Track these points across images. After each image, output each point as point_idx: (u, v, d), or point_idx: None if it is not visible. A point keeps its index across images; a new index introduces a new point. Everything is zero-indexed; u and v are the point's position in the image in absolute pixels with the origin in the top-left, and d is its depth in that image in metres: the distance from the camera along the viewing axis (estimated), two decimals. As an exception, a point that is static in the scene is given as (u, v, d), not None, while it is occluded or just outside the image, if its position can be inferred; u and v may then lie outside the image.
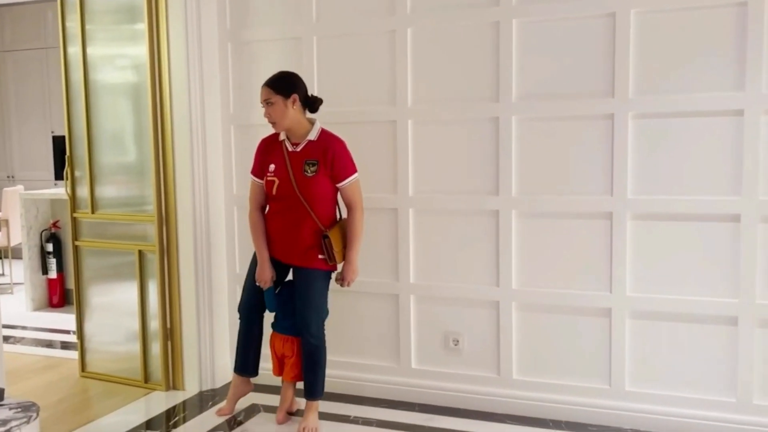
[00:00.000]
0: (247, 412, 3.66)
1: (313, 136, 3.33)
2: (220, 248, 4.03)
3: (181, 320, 3.95)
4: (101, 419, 3.61)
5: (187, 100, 3.81)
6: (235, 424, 3.53)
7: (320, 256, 3.34)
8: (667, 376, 3.35)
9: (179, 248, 3.91)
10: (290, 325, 3.44)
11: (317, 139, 3.32)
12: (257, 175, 3.45)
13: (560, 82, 3.39)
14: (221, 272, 4.04)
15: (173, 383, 3.99)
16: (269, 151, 3.41)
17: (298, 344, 3.44)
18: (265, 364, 3.62)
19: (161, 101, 3.84)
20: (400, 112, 3.66)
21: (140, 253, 3.99)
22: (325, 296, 3.42)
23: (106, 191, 4.12)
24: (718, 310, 3.24)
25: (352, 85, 3.76)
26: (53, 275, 5.95)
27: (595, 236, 3.40)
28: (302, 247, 3.33)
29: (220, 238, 4.03)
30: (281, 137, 3.39)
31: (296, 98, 3.30)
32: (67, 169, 4.17)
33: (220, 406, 3.69)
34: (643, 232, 3.32)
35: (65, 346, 4.87)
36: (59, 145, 7.73)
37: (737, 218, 3.17)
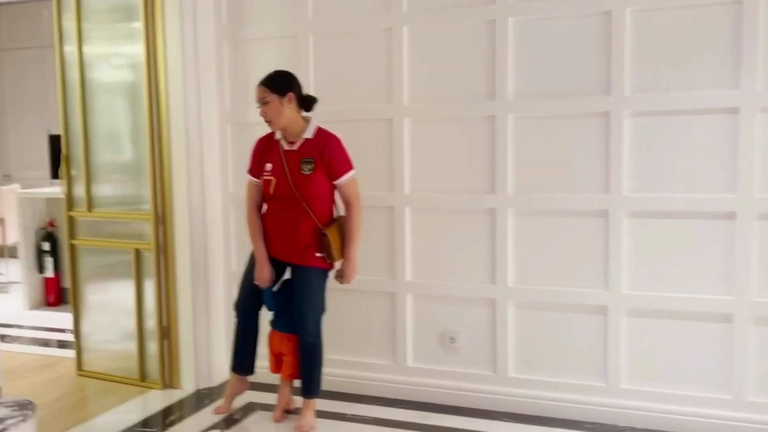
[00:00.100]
0: (243, 410, 3.66)
1: (309, 134, 3.33)
2: (216, 247, 4.03)
3: (177, 319, 3.95)
4: (98, 418, 3.61)
5: (183, 98, 3.81)
6: (231, 422, 3.53)
7: (318, 254, 3.34)
8: (662, 373, 3.35)
9: (176, 247, 3.91)
10: (289, 322, 3.44)
11: (313, 137, 3.33)
12: (254, 174, 3.45)
13: (556, 80, 3.40)
14: (218, 271, 4.04)
15: (170, 382, 3.99)
16: (266, 150, 3.41)
17: (295, 342, 3.44)
18: (261, 362, 3.62)
19: (158, 100, 3.84)
20: (396, 110, 3.67)
21: (137, 251, 3.99)
22: (322, 294, 3.42)
23: (102, 190, 4.11)
24: (713, 307, 3.25)
25: (348, 83, 3.76)
26: (50, 274, 5.94)
27: (591, 234, 3.40)
28: (300, 245, 3.33)
29: (216, 236, 4.03)
30: (277, 136, 3.39)
31: (292, 97, 3.30)
32: (63, 167, 4.17)
33: (216, 404, 3.69)
34: (638, 229, 3.33)
35: (62, 344, 4.86)
36: (55, 143, 7.65)
37: (733, 216, 3.18)
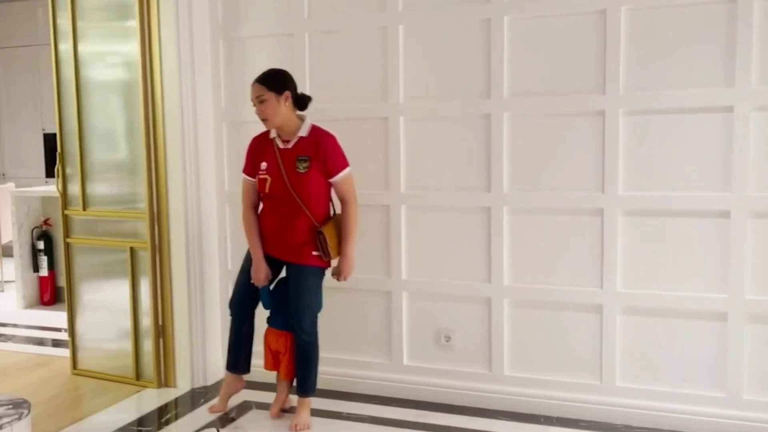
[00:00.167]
0: (239, 409, 3.65)
1: (303, 132, 3.33)
2: (211, 245, 4.02)
3: (172, 317, 3.94)
4: (93, 416, 3.60)
5: (178, 96, 3.81)
6: (227, 421, 3.53)
7: (314, 252, 3.34)
8: (657, 371, 3.36)
9: (171, 245, 3.90)
10: (285, 321, 3.44)
11: (308, 135, 3.33)
12: (249, 173, 3.44)
13: (551, 78, 3.40)
14: (213, 269, 4.04)
15: (165, 380, 3.99)
16: (260, 149, 3.41)
17: (292, 340, 3.44)
18: (257, 360, 3.61)
19: (153, 98, 3.83)
20: (392, 108, 3.67)
21: (132, 250, 3.98)
22: (318, 293, 3.42)
23: (97, 188, 4.10)
24: (708, 305, 3.25)
25: (344, 81, 3.76)
26: (44, 273, 5.92)
27: (586, 233, 3.41)
28: (296, 243, 3.33)
29: (211, 234, 4.02)
30: (272, 135, 3.39)
31: (288, 95, 3.30)
32: (58, 166, 4.16)
33: (212, 403, 3.69)
34: (633, 228, 3.34)
35: (56, 343, 4.85)
36: (50, 142, 7.70)
37: (727, 214, 3.19)
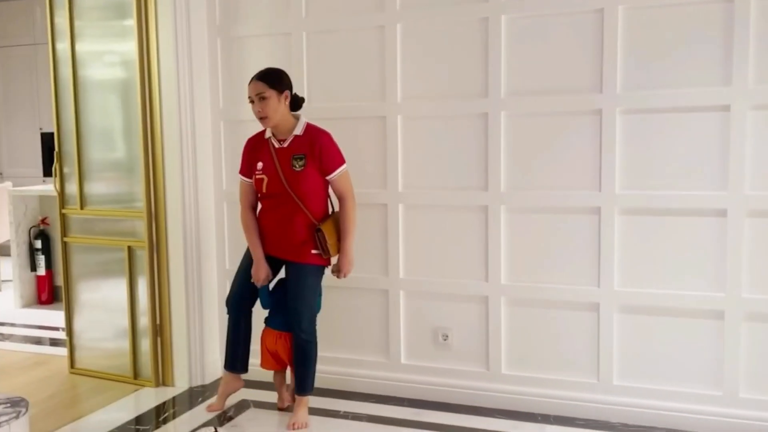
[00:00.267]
0: (237, 408, 3.66)
1: (299, 130, 3.33)
2: (209, 244, 4.02)
3: (170, 316, 3.94)
4: (90, 415, 3.60)
5: (176, 96, 3.81)
6: (225, 419, 3.53)
7: (313, 251, 3.34)
8: (654, 370, 3.37)
9: (169, 244, 3.90)
10: (284, 321, 3.44)
11: (303, 133, 3.33)
12: (246, 174, 3.44)
13: (549, 78, 3.41)
14: (211, 268, 4.04)
15: (163, 379, 3.99)
16: (256, 149, 3.41)
17: (290, 340, 3.44)
18: (255, 359, 3.62)
19: (150, 97, 3.83)
20: (389, 107, 3.67)
21: (129, 249, 3.99)
22: (317, 292, 3.42)
23: (95, 187, 4.10)
24: (704, 304, 3.26)
25: (341, 80, 3.76)
26: (42, 272, 5.92)
27: (583, 231, 3.41)
28: (295, 242, 3.33)
29: (209, 234, 4.02)
30: (267, 134, 3.39)
31: (288, 94, 3.31)
32: (55, 165, 4.16)
33: (210, 402, 3.69)
34: (630, 227, 3.34)
35: (54, 342, 4.85)
36: (48, 141, 7.70)
37: (724, 213, 3.20)
